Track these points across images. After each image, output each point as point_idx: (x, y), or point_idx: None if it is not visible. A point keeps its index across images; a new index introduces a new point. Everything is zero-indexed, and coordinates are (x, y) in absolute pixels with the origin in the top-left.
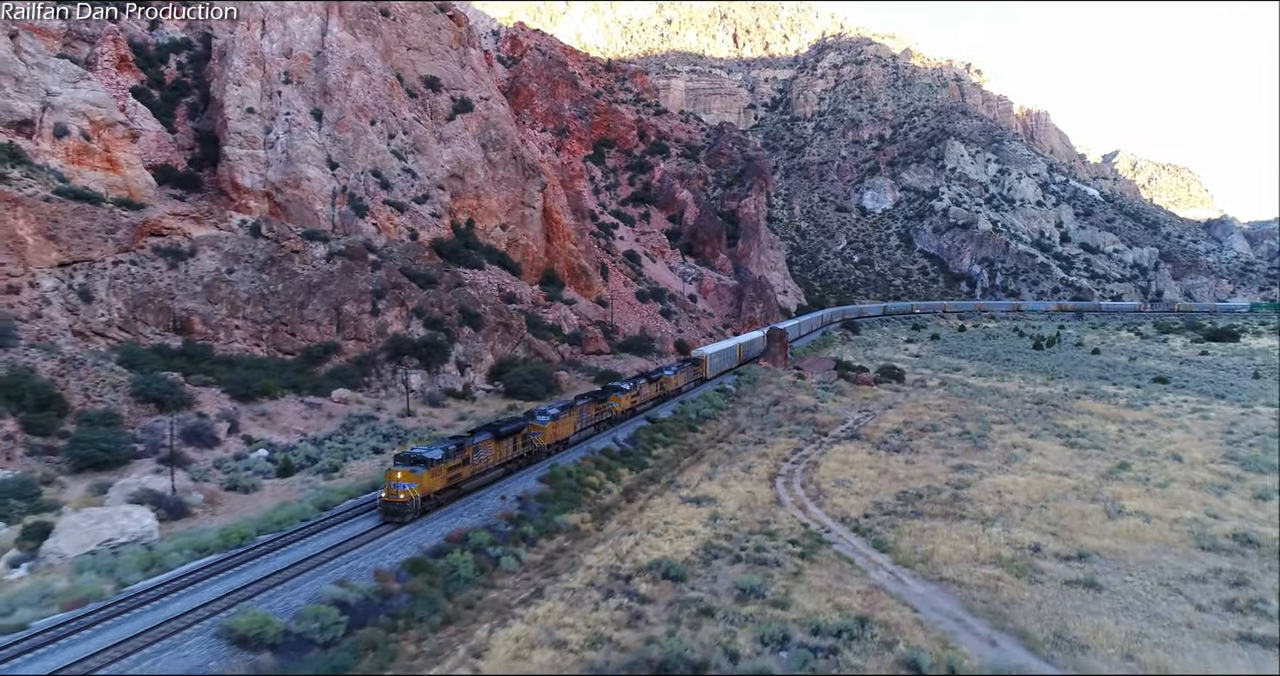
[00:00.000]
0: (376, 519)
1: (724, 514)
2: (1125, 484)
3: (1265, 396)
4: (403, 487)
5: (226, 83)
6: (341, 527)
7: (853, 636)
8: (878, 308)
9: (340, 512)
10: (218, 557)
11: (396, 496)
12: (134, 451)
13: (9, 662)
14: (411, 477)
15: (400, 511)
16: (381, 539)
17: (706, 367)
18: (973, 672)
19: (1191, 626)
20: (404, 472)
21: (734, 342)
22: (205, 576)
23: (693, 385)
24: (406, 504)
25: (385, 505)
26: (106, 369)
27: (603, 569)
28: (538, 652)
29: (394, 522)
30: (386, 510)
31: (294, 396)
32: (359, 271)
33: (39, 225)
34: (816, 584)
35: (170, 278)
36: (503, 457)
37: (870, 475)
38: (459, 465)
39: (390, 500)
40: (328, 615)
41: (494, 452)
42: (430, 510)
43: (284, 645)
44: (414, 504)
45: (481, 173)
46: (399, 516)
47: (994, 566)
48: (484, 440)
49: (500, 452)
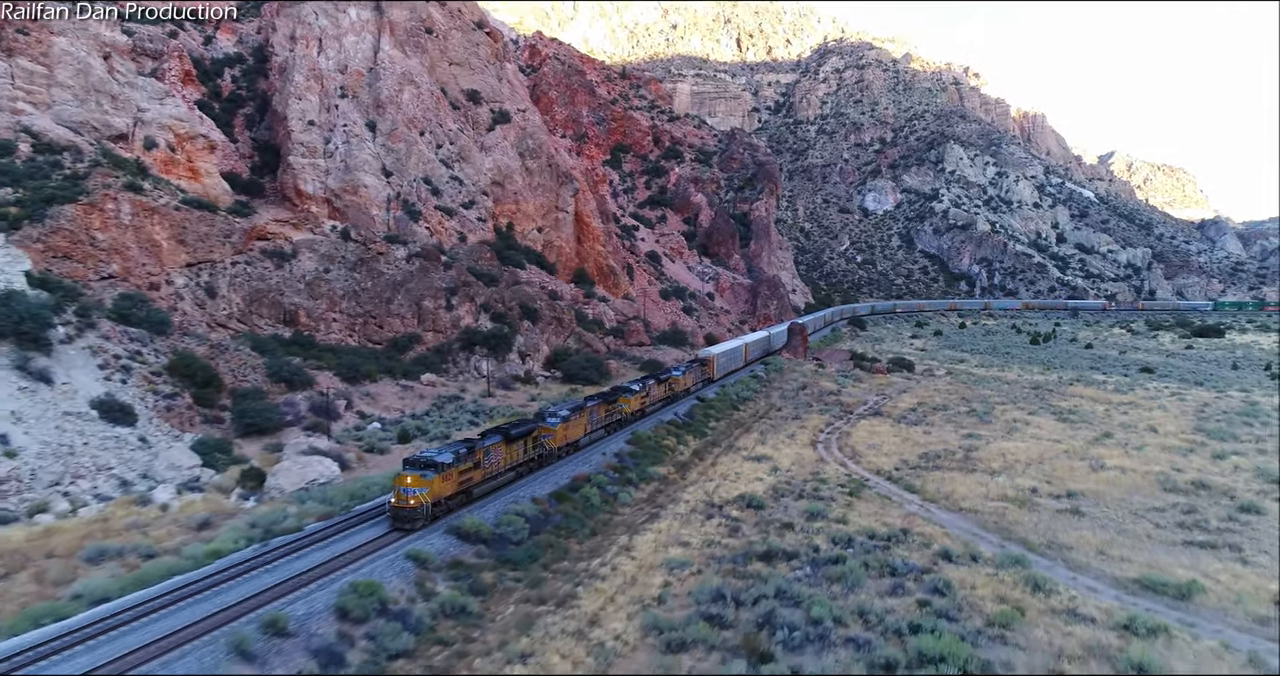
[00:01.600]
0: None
1: (781, 467)
2: (1108, 448)
3: (1240, 384)
4: (413, 493)
5: (288, 97)
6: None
7: (898, 540)
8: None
9: None
10: None
11: (406, 502)
12: (284, 421)
13: (326, 541)
14: (422, 482)
15: (411, 518)
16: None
17: (714, 368)
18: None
19: (1150, 537)
20: (414, 477)
21: (739, 343)
22: None
23: (700, 385)
24: (417, 510)
25: (394, 511)
26: (245, 353)
27: (698, 501)
28: (671, 549)
29: (403, 530)
30: (396, 516)
31: (389, 379)
32: (434, 271)
33: (171, 230)
34: (865, 511)
35: (278, 276)
36: (514, 460)
37: (894, 441)
38: (470, 469)
39: (400, 506)
40: (516, 522)
41: (505, 455)
42: (441, 516)
43: (493, 540)
44: (425, 510)
45: (519, 179)
46: (409, 523)
47: (1000, 502)
48: (494, 443)
49: (511, 455)
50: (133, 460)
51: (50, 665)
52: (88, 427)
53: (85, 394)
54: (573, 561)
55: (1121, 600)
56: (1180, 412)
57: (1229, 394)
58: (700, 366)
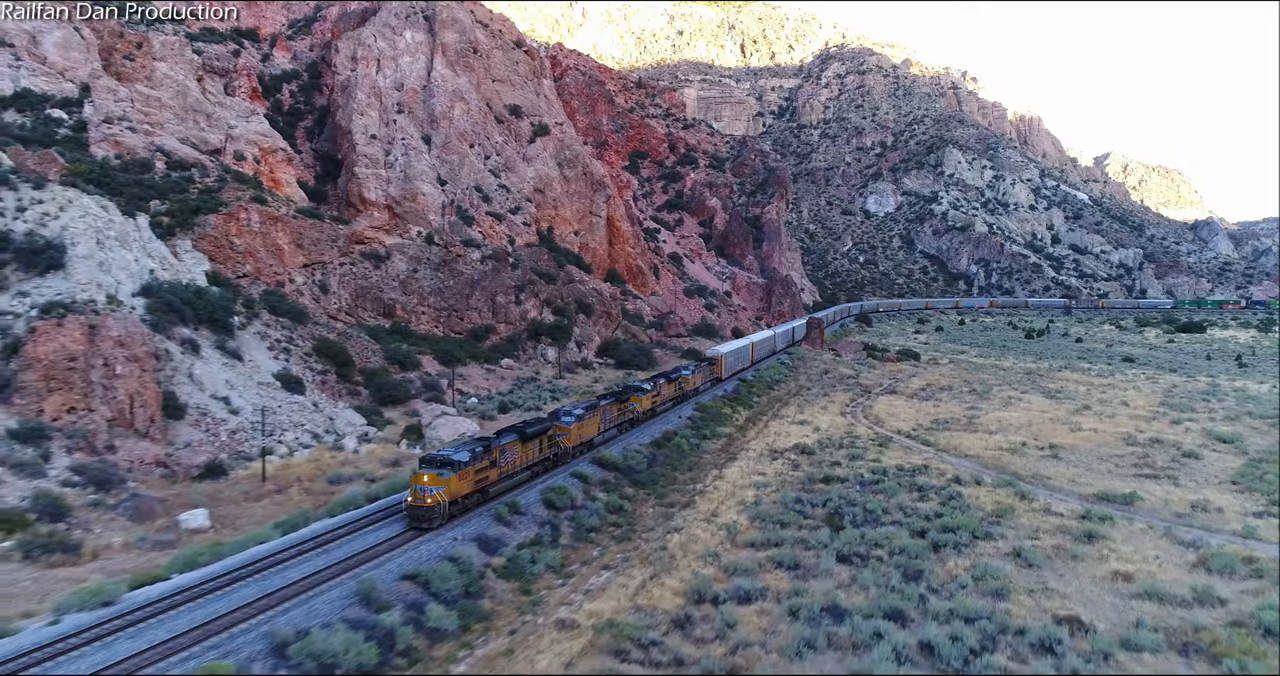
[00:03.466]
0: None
1: (820, 428)
2: (1085, 416)
3: (1209, 371)
4: (430, 491)
5: (352, 113)
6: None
7: (920, 472)
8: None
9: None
10: None
11: (423, 500)
12: (409, 393)
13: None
14: (439, 481)
15: (428, 516)
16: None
17: (722, 367)
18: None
19: (1109, 472)
20: (431, 476)
21: (746, 342)
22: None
23: (709, 385)
24: (434, 508)
25: (411, 510)
26: (364, 340)
27: (763, 449)
28: (752, 476)
29: (419, 529)
30: (413, 515)
31: (475, 363)
32: (503, 271)
33: (291, 236)
34: (892, 455)
35: (376, 275)
36: (529, 459)
37: (909, 412)
38: (486, 468)
39: (417, 504)
40: (636, 457)
41: (521, 454)
42: (458, 515)
43: (622, 468)
44: (442, 508)
45: (558, 187)
46: (426, 521)
47: (997, 451)
48: (510, 441)
49: (527, 454)
50: (314, 419)
51: (368, 532)
52: (276, 394)
53: (266, 369)
54: (681, 485)
55: (1082, 505)
56: (1151, 392)
57: (1197, 379)
58: (709, 366)
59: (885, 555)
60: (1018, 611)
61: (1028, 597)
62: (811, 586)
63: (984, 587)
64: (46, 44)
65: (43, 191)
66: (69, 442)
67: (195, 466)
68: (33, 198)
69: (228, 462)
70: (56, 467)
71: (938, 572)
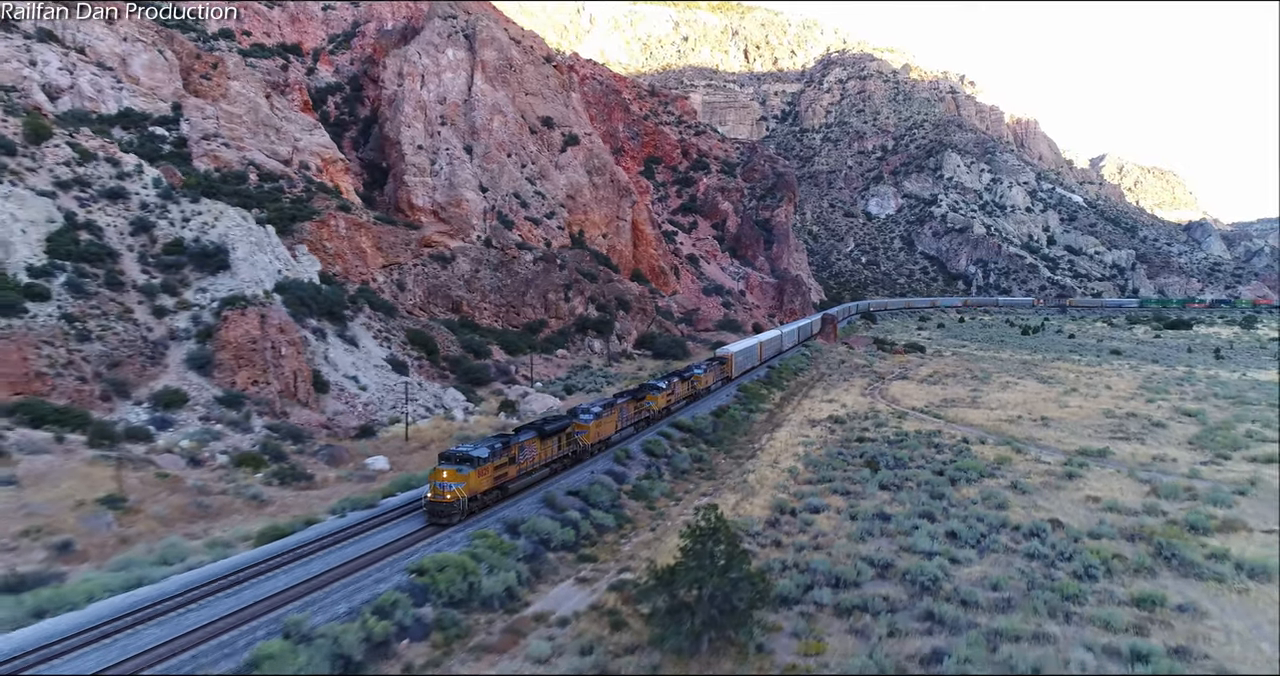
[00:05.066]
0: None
1: (846, 405)
2: (1073, 396)
3: (1188, 362)
4: (449, 487)
5: (399, 125)
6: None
7: (934, 435)
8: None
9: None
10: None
11: (443, 496)
12: (489, 376)
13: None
14: (458, 477)
15: (447, 512)
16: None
17: (732, 366)
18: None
19: (1089, 436)
20: (450, 472)
21: (754, 342)
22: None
23: (720, 384)
24: (453, 504)
25: (431, 506)
26: (443, 331)
27: (802, 419)
28: (798, 438)
29: (439, 525)
30: (432, 511)
31: (535, 353)
32: (553, 271)
33: (373, 240)
34: (910, 424)
35: (444, 275)
36: (548, 456)
37: (920, 393)
38: (505, 464)
39: (436, 500)
40: (704, 422)
41: (539, 451)
42: (477, 511)
43: (695, 430)
44: (461, 504)
45: (588, 193)
46: (445, 517)
47: (997, 422)
48: (529, 439)
49: (545, 451)
50: (422, 396)
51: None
52: (389, 376)
53: (376, 355)
54: (742, 444)
55: (1065, 457)
56: (1133, 378)
57: (1176, 368)
58: (720, 365)
59: (914, 486)
60: (1014, 516)
61: (1021, 509)
62: (862, 504)
63: (989, 503)
64: (135, 66)
65: (198, 204)
66: (257, 408)
67: (351, 428)
68: (192, 210)
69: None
70: (256, 426)
71: (955, 495)
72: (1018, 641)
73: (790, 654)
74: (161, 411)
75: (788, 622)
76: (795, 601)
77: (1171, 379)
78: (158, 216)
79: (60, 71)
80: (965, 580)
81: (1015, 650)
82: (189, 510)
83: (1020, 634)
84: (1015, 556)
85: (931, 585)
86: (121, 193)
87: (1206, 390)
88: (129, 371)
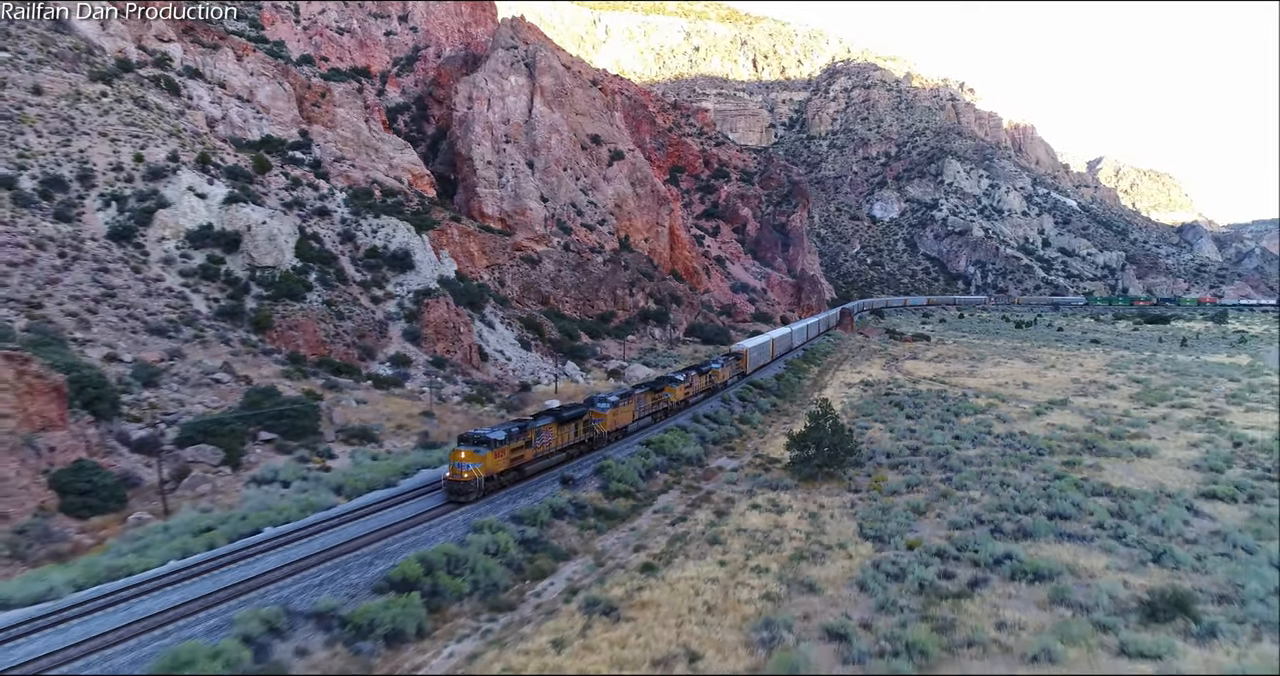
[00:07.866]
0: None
1: (871, 376)
2: (1050, 371)
3: (1155, 349)
4: (466, 467)
5: (470, 143)
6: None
7: (942, 392)
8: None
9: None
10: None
11: (460, 475)
12: (586, 354)
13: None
14: (475, 457)
15: (464, 491)
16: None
17: (746, 362)
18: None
19: (1058, 394)
20: (468, 452)
21: (767, 338)
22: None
23: (735, 378)
24: (470, 483)
25: (449, 484)
26: (544, 319)
27: (840, 383)
28: (841, 393)
29: (457, 502)
30: (451, 489)
31: (609, 338)
32: (619, 270)
33: (479, 246)
34: (924, 387)
35: (534, 274)
36: (564, 442)
37: (929, 369)
38: (522, 447)
39: (454, 479)
40: (772, 381)
41: (556, 437)
42: (493, 491)
43: (766, 387)
44: (478, 483)
45: (632, 202)
46: (462, 496)
47: (990, 385)
48: (546, 424)
49: (562, 437)
50: (546, 366)
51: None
52: (520, 352)
53: (508, 336)
54: (799, 398)
55: (1036, 405)
56: (1105, 360)
57: (1143, 353)
58: (735, 360)
59: (930, 417)
60: (997, 430)
61: (1002, 428)
62: (896, 424)
63: (981, 425)
64: (260, 96)
65: (379, 219)
66: (450, 371)
67: (515, 385)
68: (376, 223)
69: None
70: (458, 381)
71: (958, 422)
72: (993, 475)
73: (866, 482)
74: (400, 368)
75: (862, 471)
76: (864, 463)
77: (1135, 360)
78: (354, 229)
79: (213, 104)
80: (964, 456)
81: (991, 478)
82: (472, 421)
83: (995, 473)
84: (996, 447)
85: (944, 455)
86: (326, 211)
87: (1160, 368)
88: (370, 341)
